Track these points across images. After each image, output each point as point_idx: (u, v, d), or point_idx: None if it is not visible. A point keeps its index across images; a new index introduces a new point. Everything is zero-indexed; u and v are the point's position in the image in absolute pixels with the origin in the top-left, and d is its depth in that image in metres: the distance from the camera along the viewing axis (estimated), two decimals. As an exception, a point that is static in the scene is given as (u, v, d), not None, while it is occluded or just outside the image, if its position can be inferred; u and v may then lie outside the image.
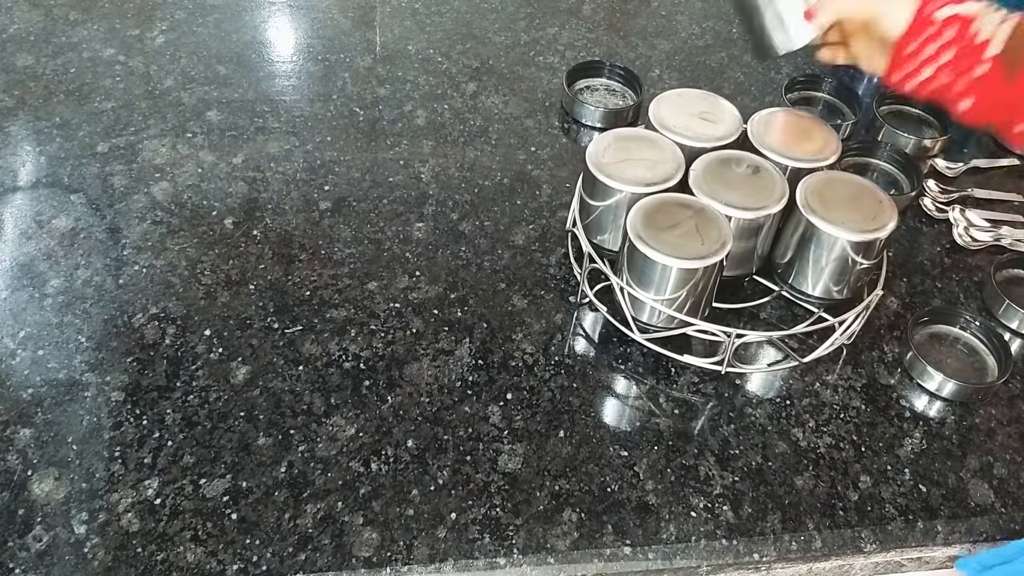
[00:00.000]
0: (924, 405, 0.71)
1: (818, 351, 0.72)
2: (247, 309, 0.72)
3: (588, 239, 0.74)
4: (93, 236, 0.77)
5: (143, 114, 0.89)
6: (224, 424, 0.64)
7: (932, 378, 0.71)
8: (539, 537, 0.60)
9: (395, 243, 0.79)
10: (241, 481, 0.61)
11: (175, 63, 0.95)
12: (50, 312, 0.70)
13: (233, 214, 0.80)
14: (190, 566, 0.56)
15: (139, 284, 0.73)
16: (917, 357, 0.71)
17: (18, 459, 0.61)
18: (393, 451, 0.64)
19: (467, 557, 0.59)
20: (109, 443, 0.62)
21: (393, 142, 0.89)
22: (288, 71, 0.96)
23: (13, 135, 0.85)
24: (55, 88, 0.90)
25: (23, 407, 0.64)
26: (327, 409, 0.66)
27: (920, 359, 0.71)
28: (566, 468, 0.64)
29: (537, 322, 0.73)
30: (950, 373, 0.71)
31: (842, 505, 0.64)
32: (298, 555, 0.57)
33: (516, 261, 0.79)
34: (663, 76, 1.01)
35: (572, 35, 1.04)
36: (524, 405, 0.67)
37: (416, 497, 0.61)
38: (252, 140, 0.87)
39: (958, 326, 0.76)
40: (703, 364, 0.71)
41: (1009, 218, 0.87)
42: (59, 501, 0.59)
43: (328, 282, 0.75)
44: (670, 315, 0.69)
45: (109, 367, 0.67)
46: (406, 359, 0.70)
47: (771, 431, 0.68)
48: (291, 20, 1.04)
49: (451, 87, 0.96)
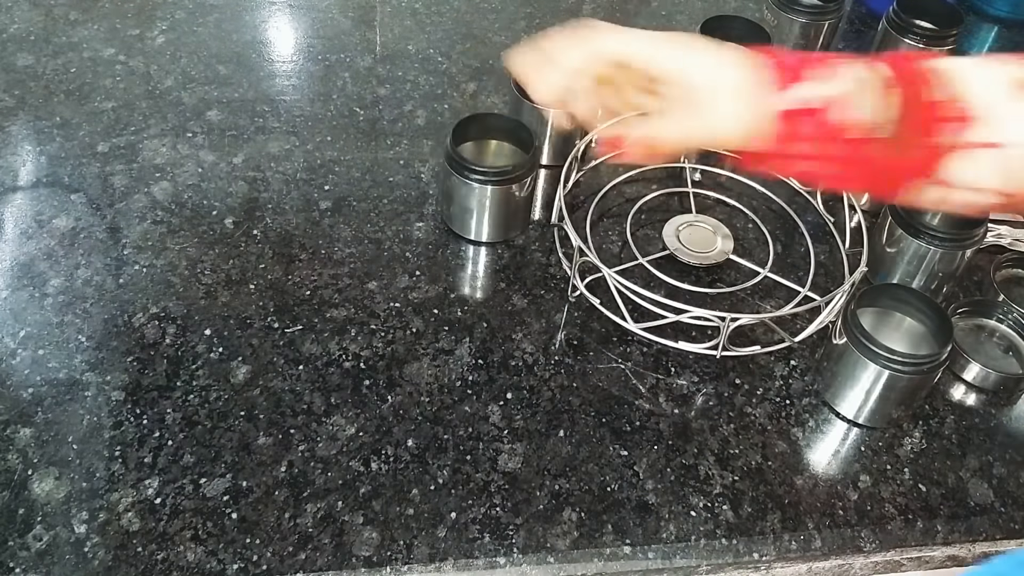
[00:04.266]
0: (924, 404, 0.71)
1: (808, 329, 0.73)
2: (247, 309, 0.72)
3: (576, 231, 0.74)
4: (93, 236, 0.77)
5: (143, 114, 0.89)
6: (224, 423, 0.64)
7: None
8: (539, 536, 0.60)
9: (395, 243, 0.79)
10: (241, 480, 0.61)
11: (175, 63, 0.95)
12: (50, 312, 0.70)
13: (233, 214, 0.80)
14: (190, 565, 0.56)
15: (139, 284, 0.73)
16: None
17: (18, 458, 0.61)
18: (393, 451, 0.64)
19: (467, 556, 0.59)
20: (109, 442, 0.62)
21: (393, 142, 0.89)
22: (288, 71, 0.96)
23: (13, 135, 0.85)
24: (55, 88, 0.90)
25: (23, 406, 0.64)
26: (327, 408, 0.66)
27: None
28: (566, 467, 0.64)
29: (537, 321, 0.73)
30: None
31: (842, 505, 0.64)
32: (298, 554, 0.57)
33: (516, 260, 0.79)
34: (663, 76, 1.01)
35: (572, 35, 1.04)
36: (524, 404, 0.67)
37: (416, 496, 0.61)
38: (252, 140, 0.87)
39: (994, 318, 0.77)
40: (699, 349, 0.71)
41: (1009, 217, 0.87)
42: (59, 500, 0.59)
43: (328, 282, 0.75)
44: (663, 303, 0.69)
45: (109, 366, 0.67)
46: (406, 359, 0.70)
47: (771, 431, 0.68)
48: (291, 20, 1.04)
49: (451, 87, 0.96)
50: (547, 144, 0.87)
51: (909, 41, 0.96)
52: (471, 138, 0.83)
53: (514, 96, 0.85)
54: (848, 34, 1.11)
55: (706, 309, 0.68)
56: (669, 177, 0.88)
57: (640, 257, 0.77)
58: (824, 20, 0.99)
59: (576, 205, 0.84)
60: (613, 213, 0.84)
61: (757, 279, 0.78)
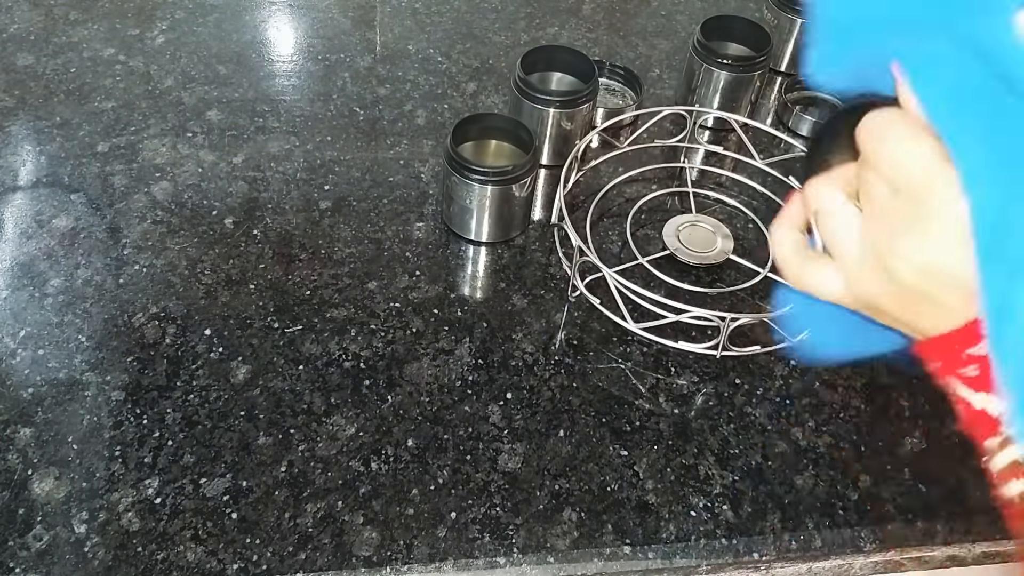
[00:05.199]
0: (923, 403, 0.71)
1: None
2: (247, 308, 0.72)
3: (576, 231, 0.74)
4: (93, 236, 0.77)
5: (143, 114, 0.89)
6: (224, 423, 0.64)
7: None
8: (539, 536, 0.60)
9: (395, 243, 0.79)
10: (241, 480, 0.61)
11: (175, 63, 0.95)
12: (50, 311, 0.70)
13: (233, 214, 0.80)
14: (190, 565, 0.56)
15: (139, 283, 0.73)
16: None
17: (18, 458, 0.61)
18: (393, 450, 0.64)
19: (467, 556, 0.59)
20: (109, 442, 0.62)
21: (393, 142, 0.89)
22: (288, 71, 0.96)
23: (13, 135, 0.85)
24: (55, 88, 0.90)
25: (23, 406, 0.64)
26: (327, 408, 0.66)
27: None
28: (566, 467, 0.64)
29: (537, 321, 0.73)
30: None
31: (842, 504, 0.64)
32: (298, 554, 0.57)
33: (516, 260, 0.79)
34: (663, 76, 1.01)
35: (572, 35, 1.04)
36: (524, 404, 0.67)
37: (416, 496, 0.61)
38: (252, 140, 0.87)
39: None
40: (699, 349, 0.71)
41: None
42: (59, 500, 0.59)
43: (328, 281, 0.75)
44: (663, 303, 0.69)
45: (109, 366, 0.67)
46: (406, 358, 0.70)
47: (771, 431, 0.68)
48: (291, 20, 1.04)
49: (451, 87, 0.96)
50: (547, 144, 0.87)
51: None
52: (471, 138, 0.83)
53: (514, 96, 0.85)
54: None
55: (706, 309, 0.68)
56: (669, 177, 0.89)
57: (640, 257, 0.77)
58: (824, 20, 0.99)
59: (576, 205, 0.84)
60: (613, 213, 0.84)
61: (757, 279, 0.78)
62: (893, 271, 0.35)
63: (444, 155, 0.76)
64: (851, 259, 0.37)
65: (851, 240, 0.37)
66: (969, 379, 0.36)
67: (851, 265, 0.37)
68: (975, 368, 0.35)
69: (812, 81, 0.39)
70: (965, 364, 0.35)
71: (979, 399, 0.36)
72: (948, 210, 0.33)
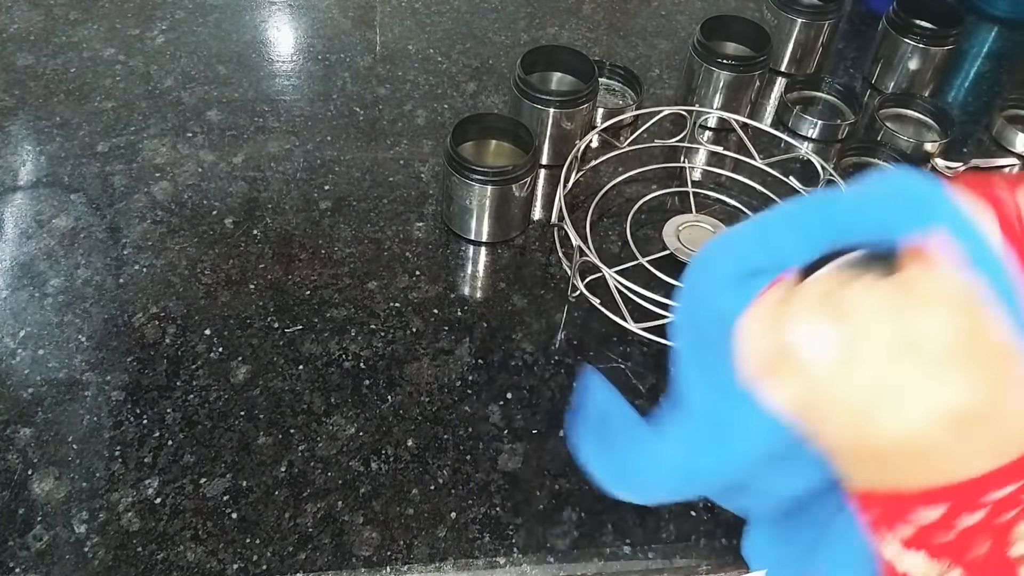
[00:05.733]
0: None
1: None
2: (247, 308, 0.72)
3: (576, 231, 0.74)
4: (93, 236, 0.77)
5: (143, 114, 0.89)
6: (224, 423, 0.64)
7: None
8: (539, 536, 0.60)
9: (395, 243, 0.79)
10: (241, 480, 0.61)
11: (175, 63, 0.95)
12: (50, 311, 0.70)
13: (233, 213, 0.80)
14: (190, 565, 0.56)
15: (139, 283, 0.73)
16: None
17: (18, 458, 0.61)
18: (393, 450, 0.64)
19: (467, 556, 0.59)
20: (109, 442, 0.62)
21: (393, 142, 0.89)
22: (288, 71, 0.96)
23: (13, 135, 0.85)
24: (55, 88, 0.90)
25: (23, 406, 0.64)
26: (327, 408, 0.66)
27: None
28: (566, 467, 0.64)
29: (537, 321, 0.73)
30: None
31: (842, 504, 0.64)
32: (298, 554, 0.57)
33: (516, 260, 0.79)
34: (663, 76, 1.01)
35: (572, 35, 1.04)
36: (524, 404, 0.67)
37: (416, 496, 0.61)
38: (252, 140, 0.87)
39: None
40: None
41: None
42: (59, 500, 0.59)
43: (328, 281, 0.75)
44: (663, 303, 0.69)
45: (109, 366, 0.67)
46: (406, 358, 0.70)
47: (771, 431, 0.68)
48: (291, 20, 1.04)
49: (451, 87, 0.96)
50: (547, 144, 0.87)
51: (909, 41, 0.96)
52: (471, 138, 0.83)
53: (514, 96, 0.85)
54: (848, 34, 1.11)
55: None
56: (669, 177, 0.89)
57: (640, 257, 0.77)
58: (824, 20, 0.99)
59: (576, 205, 0.84)
60: (613, 213, 0.84)
61: None
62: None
63: (444, 155, 0.76)
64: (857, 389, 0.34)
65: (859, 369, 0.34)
66: (904, 539, 0.35)
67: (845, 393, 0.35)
68: (912, 528, 0.35)
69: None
70: (905, 524, 0.35)
71: (907, 561, 0.35)
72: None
